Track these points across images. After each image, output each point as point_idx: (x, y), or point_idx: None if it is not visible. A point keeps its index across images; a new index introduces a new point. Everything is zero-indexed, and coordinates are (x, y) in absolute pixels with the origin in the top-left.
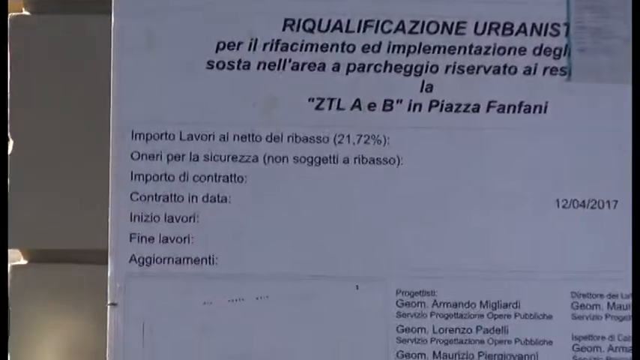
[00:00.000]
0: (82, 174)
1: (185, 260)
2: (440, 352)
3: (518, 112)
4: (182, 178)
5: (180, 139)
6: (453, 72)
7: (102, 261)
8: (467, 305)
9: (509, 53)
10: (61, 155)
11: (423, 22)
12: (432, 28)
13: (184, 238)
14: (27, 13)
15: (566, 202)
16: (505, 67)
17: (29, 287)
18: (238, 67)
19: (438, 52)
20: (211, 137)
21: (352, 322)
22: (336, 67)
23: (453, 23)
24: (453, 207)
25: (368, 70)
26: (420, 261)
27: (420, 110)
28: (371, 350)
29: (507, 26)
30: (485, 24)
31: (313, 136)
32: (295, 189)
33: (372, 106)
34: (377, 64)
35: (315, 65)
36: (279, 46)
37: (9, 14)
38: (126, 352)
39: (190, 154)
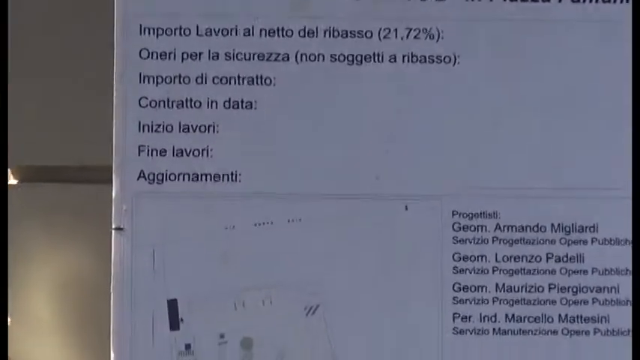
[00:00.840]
0: (80, 73)
1: (203, 177)
2: (504, 285)
3: (596, 1)
4: (199, 80)
5: (197, 34)
6: None
7: (105, 179)
8: (535, 229)
9: None
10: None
11: None
12: None
13: (202, 151)
14: None
15: None
16: None
17: (21, 211)
18: None
19: None
20: (234, 32)
21: (399, 250)
22: None
23: None
24: (518, 115)
25: None
26: (481, 178)
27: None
28: (422, 282)
29: None
30: None
31: (354, 31)
32: (332, 93)
33: None
34: None
35: None
36: None
37: None
38: (134, 283)
39: (209, 51)
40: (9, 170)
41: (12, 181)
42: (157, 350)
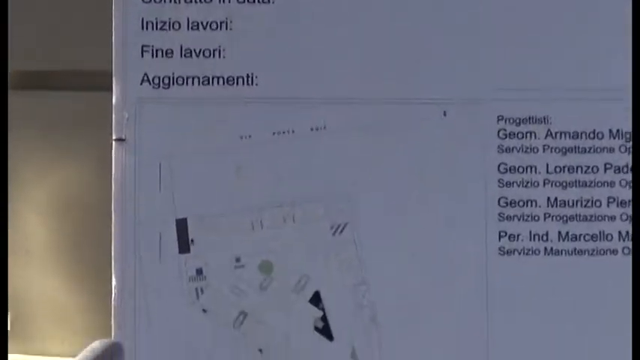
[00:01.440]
0: None
1: (215, 80)
2: (556, 199)
3: None
4: None
5: None
6: None
7: (104, 86)
8: (591, 136)
9: None
10: None
11: None
12: None
13: (214, 51)
14: None
15: None
16: None
17: (16, 121)
18: None
19: None
20: None
21: (437, 161)
22: None
23: None
24: (567, 12)
25: None
26: (529, 78)
27: None
28: (462, 197)
29: None
30: None
31: None
32: None
33: None
34: None
35: None
36: None
37: None
38: (138, 201)
39: None
40: None
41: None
42: (164, 276)
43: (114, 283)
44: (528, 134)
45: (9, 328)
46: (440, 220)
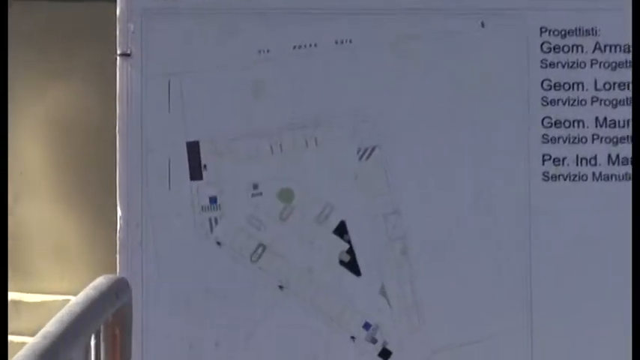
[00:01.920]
0: None
1: None
2: (605, 119)
3: None
4: None
5: None
6: None
7: None
8: None
9: None
10: None
11: None
12: None
13: None
14: None
15: None
16: None
17: (11, 36)
18: None
19: None
20: None
21: (475, 77)
22: None
23: None
24: None
25: None
26: None
27: None
28: (503, 117)
29: None
30: None
31: None
32: None
33: None
34: None
35: None
36: None
37: None
38: (145, 122)
39: None
40: None
41: None
42: (174, 205)
43: (119, 213)
44: (575, 47)
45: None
46: (477, 142)
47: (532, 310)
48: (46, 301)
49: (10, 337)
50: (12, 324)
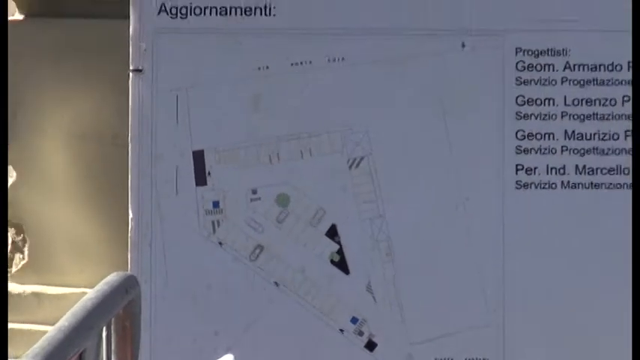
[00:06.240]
0: None
1: (232, 10)
2: (573, 132)
3: None
4: None
5: None
6: None
7: (120, 14)
8: (610, 68)
9: None
10: None
11: None
12: None
13: None
14: None
15: None
16: None
17: (27, 50)
18: None
19: None
20: None
21: (455, 93)
22: None
23: None
24: None
25: None
26: (547, 10)
27: None
28: (480, 130)
29: None
30: None
31: None
32: None
33: None
34: None
35: None
36: None
37: None
38: (155, 133)
39: None
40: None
41: (17, 15)
42: (180, 208)
43: (130, 215)
44: (547, 66)
45: (26, 260)
46: (456, 153)
47: (504, 307)
48: (66, 294)
49: (33, 327)
50: (35, 314)
